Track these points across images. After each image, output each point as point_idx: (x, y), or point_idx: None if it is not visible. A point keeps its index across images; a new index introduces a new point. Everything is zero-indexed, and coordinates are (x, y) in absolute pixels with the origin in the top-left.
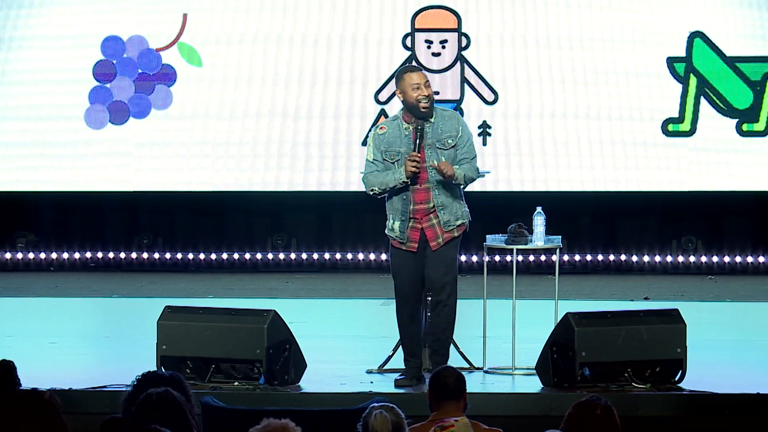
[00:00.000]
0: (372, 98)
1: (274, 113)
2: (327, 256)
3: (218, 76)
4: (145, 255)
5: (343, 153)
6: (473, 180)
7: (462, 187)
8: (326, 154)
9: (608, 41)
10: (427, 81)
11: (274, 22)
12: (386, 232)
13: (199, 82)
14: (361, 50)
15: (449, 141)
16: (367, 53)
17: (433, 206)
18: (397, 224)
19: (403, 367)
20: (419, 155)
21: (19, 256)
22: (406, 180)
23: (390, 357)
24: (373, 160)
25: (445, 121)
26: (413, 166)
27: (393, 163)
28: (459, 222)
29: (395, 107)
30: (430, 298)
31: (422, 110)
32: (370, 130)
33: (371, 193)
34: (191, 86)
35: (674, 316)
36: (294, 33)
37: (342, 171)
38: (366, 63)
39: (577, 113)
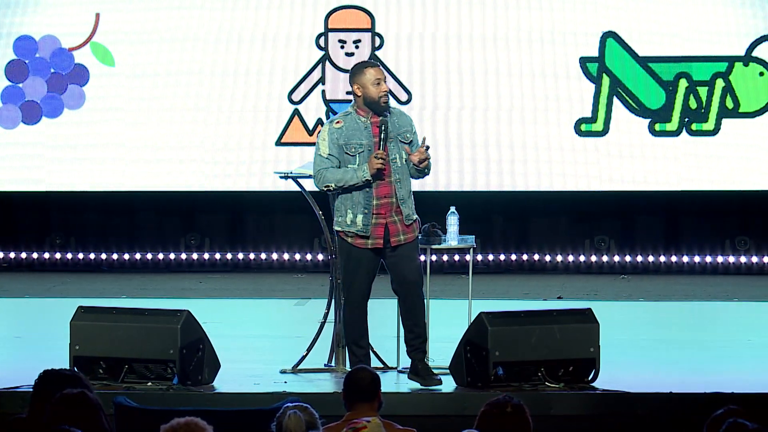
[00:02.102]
0: (286, 98)
1: (186, 113)
2: (240, 256)
3: (131, 76)
4: (57, 255)
5: (255, 153)
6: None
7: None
8: (239, 154)
9: (521, 40)
10: (385, 76)
11: (186, 21)
12: (341, 228)
13: (111, 81)
14: (274, 50)
15: (408, 135)
16: (281, 53)
17: (397, 200)
18: (360, 218)
19: (319, 366)
20: (384, 152)
21: None
22: (369, 178)
23: (304, 357)
24: (328, 155)
25: (400, 117)
26: (380, 164)
27: (354, 156)
28: (415, 216)
29: (310, 106)
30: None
31: (382, 105)
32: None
33: (325, 189)
34: (104, 86)
35: (587, 315)
36: (207, 33)
37: (255, 171)
38: (279, 63)
39: (490, 113)
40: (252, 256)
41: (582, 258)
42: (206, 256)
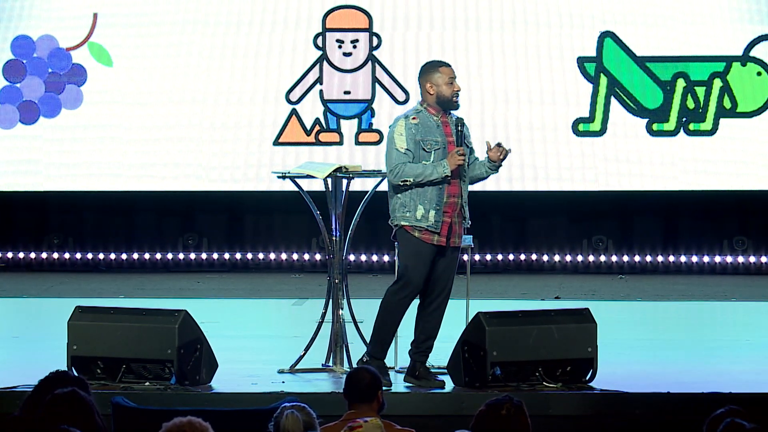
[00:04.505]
0: (283, 98)
1: (184, 113)
2: (238, 255)
3: (128, 76)
4: (55, 255)
5: (253, 153)
6: None
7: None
8: (236, 154)
9: (518, 40)
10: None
11: (185, 23)
12: (409, 222)
13: (109, 81)
14: (272, 50)
15: (470, 140)
16: (278, 53)
17: (461, 202)
18: (432, 213)
19: (317, 366)
20: (463, 149)
21: None
22: (449, 174)
23: (301, 357)
24: (406, 150)
25: (464, 122)
26: (461, 160)
27: (429, 152)
28: (470, 221)
29: (308, 106)
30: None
31: (455, 104)
32: (396, 122)
33: (402, 183)
34: (102, 86)
35: (585, 315)
36: (204, 33)
37: (253, 171)
38: (277, 62)
39: (487, 113)
40: (250, 256)
41: (580, 258)
42: (204, 256)
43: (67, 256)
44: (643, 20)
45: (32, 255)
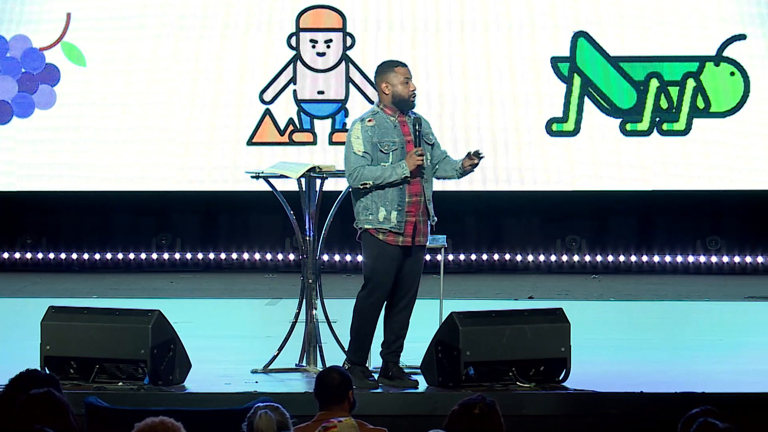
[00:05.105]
0: (257, 98)
1: (158, 113)
2: (212, 255)
3: (102, 76)
4: (28, 255)
5: (228, 153)
6: None
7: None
8: (210, 154)
9: (492, 41)
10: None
11: (158, 21)
12: (372, 225)
13: (83, 81)
14: (246, 50)
15: (431, 137)
16: (252, 53)
17: (425, 200)
18: (394, 215)
19: (290, 366)
20: (422, 149)
21: None
22: (408, 175)
23: (275, 357)
24: (363, 153)
25: (421, 120)
26: (420, 160)
27: (387, 153)
28: (435, 219)
29: (281, 106)
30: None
31: (412, 104)
32: (353, 124)
33: (362, 186)
34: (75, 86)
35: (558, 315)
36: (179, 33)
37: (226, 171)
38: (251, 63)
39: (461, 113)
40: (223, 256)
41: (553, 258)
42: (178, 256)
43: (40, 256)
44: (617, 20)
45: (5, 255)
